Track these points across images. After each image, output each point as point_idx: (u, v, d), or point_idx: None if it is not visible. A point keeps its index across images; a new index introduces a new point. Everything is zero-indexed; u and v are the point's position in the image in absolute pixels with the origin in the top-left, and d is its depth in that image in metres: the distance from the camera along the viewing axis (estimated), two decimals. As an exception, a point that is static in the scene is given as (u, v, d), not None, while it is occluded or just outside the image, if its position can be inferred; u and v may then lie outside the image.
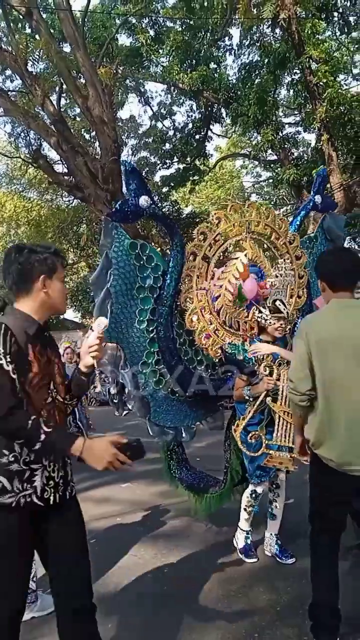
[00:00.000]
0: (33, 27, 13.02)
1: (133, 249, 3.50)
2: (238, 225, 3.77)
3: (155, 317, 3.62)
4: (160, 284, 3.62)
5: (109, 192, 13.27)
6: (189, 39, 14.72)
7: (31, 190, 21.18)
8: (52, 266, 2.12)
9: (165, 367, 3.66)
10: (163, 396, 3.71)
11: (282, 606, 3.05)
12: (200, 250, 3.65)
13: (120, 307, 3.48)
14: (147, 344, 3.63)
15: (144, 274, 3.58)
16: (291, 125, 17.21)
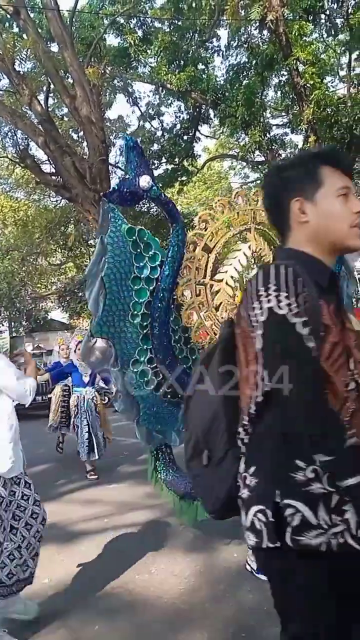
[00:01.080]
0: (20, 26, 12.95)
1: (130, 235, 3.24)
2: (243, 214, 3.54)
3: (150, 312, 3.35)
4: (157, 275, 3.35)
5: (96, 193, 13.23)
6: (177, 39, 14.73)
7: (18, 190, 21.06)
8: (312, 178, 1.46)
9: (158, 366, 3.43)
10: (155, 398, 3.47)
11: (270, 606, 3.03)
12: (201, 240, 3.43)
13: (113, 299, 3.20)
14: (140, 341, 3.37)
15: (141, 263, 3.32)
16: (279, 126, 17.30)
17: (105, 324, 3.19)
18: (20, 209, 21.15)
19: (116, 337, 3.28)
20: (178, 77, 13.91)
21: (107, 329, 3.21)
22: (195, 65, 14.70)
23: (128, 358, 3.35)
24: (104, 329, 3.20)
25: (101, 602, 3.26)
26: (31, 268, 21.92)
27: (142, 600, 3.24)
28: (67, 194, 14.30)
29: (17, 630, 2.97)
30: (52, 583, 3.56)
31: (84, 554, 4.02)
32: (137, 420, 3.44)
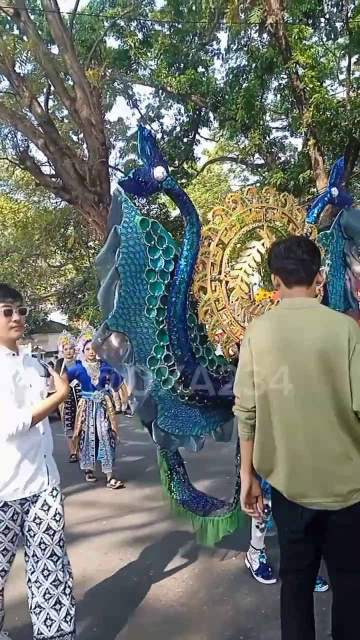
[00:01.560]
0: (21, 28, 12.97)
1: (144, 227, 3.12)
2: (255, 211, 3.47)
3: (166, 306, 3.21)
4: (172, 269, 3.23)
5: (96, 195, 13.26)
6: (177, 42, 14.78)
7: (18, 192, 21.06)
8: None
9: (176, 364, 3.25)
10: (172, 398, 3.27)
11: (267, 609, 3.06)
12: (215, 235, 3.33)
13: (128, 291, 3.06)
14: (156, 337, 3.20)
15: (155, 256, 3.18)
16: (278, 129, 17.34)
17: (121, 317, 3.04)
18: (20, 211, 21.16)
19: (132, 332, 3.11)
20: (178, 80, 13.95)
21: (122, 322, 3.06)
22: (195, 68, 14.74)
23: (144, 355, 3.18)
24: (120, 322, 3.05)
25: (99, 604, 3.26)
26: (31, 270, 21.90)
27: (140, 603, 3.24)
28: (67, 196, 14.31)
29: (16, 632, 2.97)
30: (50, 585, 3.54)
31: (82, 556, 4.02)
32: (155, 423, 3.22)
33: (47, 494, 2.55)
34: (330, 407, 2.01)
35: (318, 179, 12.13)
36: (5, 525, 2.44)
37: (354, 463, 2.03)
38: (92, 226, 15.56)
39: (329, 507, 2.06)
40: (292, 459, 2.10)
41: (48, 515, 2.53)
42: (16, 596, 3.25)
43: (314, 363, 2.02)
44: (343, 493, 2.03)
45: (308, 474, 2.07)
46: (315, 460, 2.05)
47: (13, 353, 2.56)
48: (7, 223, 22.00)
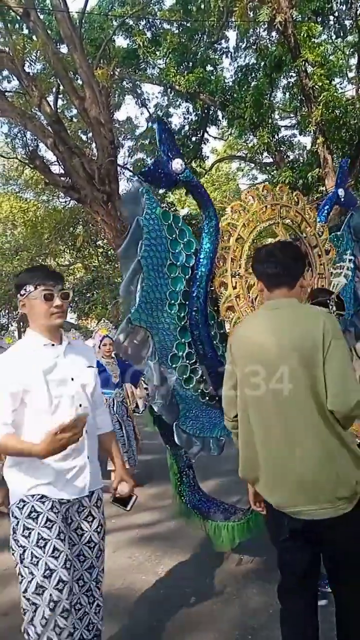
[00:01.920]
0: (30, 27, 13.00)
1: (165, 219, 3.07)
2: (270, 208, 3.47)
3: (188, 301, 3.14)
4: (192, 263, 3.17)
5: (105, 194, 13.27)
6: (185, 41, 14.76)
7: (27, 191, 21.14)
8: None
9: (198, 362, 3.15)
10: (194, 398, 3.19)
11: (275, 608, 3.05)
12: (234, 230, 3.29)
13: (150, 285, 2.96)
14: (177, 333, 3.11)
15: (176, 249, 3.12)
16: (287, 128, 17.28)
17: (143, 312, 2.94)
18: (29, 210, 21.24)
19: (154, 328, 3.01)
20: (187, 79, 13.93)
21: (145, 317, 2.96)
22: (204, 67, 14.72)
23: (166, 352, 3.08)
24: (143, 316, 2.94)
25: (108, 602, 3.26)
26: (40, 268, 21.97)
27: (148, 601, 3.26)
28: (76, 195, 14.34)
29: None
30: (59, 583, 3.57)
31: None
32: (177, 424, 3.09)
33: (91, 504, 2.34)
34: (309, 408, 1.93)
35: (327, 178, 12.08)
36: (46, 517, 2.17)
37: (339, 467, 1.93)
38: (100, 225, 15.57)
39: (317, 516, 1.96)
40: (273, 466, 2.03)
41: (91, 527, 2.34)
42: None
43: (292, 363, 1.95)
44: (330, 500, 1.93)
45: (291, 482, 1.98)
46: (296, 466, 1.96)
47: (53, 343, 2.29)
48: (16, 222, 22.10)
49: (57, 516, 2.18)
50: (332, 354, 1.92)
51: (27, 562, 2.11)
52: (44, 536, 2.13)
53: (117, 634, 2.91)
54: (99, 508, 2.39)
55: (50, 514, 2.17)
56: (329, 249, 3.79)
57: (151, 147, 17.21)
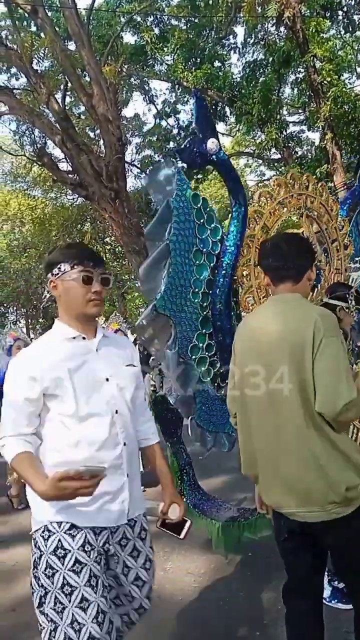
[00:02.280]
0: (38, 25, 13.02)
1: (195, 202, 2.92)
2: (296, 197, 3.37)
3: (212, 290, 3.01)
4: (218, 251, 3.04)
5: (113, 191, 13.27)
6: (193, 37, 14.72)
7: (35, 189, 21.20)
8: None
9: (217, 354, 3.03)
10: (209, 392, 3.08)
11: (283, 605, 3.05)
12: (260, 217, 3.16)
13: (177, 271, 2.83)
14: (199, 324, 2.99)
15: (203, 235, 2.98)
16: (295, 124, 17.19)
17: (169, 299, 2.79)
18: (37, 207, 21.29)
19: (177, 316, 2.86)
20: (194, 75, 13.90)
21: (170, 304, 2.81)
22: (212, 63, 14.68)
23: (187, 342, 2.94)
24: (167, 304, 2.78)
25: (116, 598, 3.28)
26: (48, 266, 22.06)
27: (156, 598, 3.22)
28: (84, 192, 14.35)
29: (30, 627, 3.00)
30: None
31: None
32: (193, 418, 3.00)
33: (135, 535, 1.94)
34: (299, 409, 1.85)
35: (335, 174, 12.01)
36: (75, 557, 1.73)
37: (329, 471, 1.84)
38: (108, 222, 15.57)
39: (309, 519, 1.89)
40: (265, 467, 1.99)
41: (137, 563, 1.94)
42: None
43: (284, 362, 1.88)
44: (318, 504, 1.86)
45: (282, 483, 1.93)
46: (287, 467, 1.90)
47: (84, 336, 1.90)
48: (24, 219, 22.16)
49: (90, 554, 1.75)
50: (322, 354, 1.82)
51: (48, 607, 1.70)
52: (71, 582, 1.70)
53: (125, 629, 2.91)
54: (145, 540, 1.98)
55: (81, 553, 1.73)
56: (348, 244, 3.73)
57: (159, 144, 17.19)
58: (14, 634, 2.93)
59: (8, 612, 3.20)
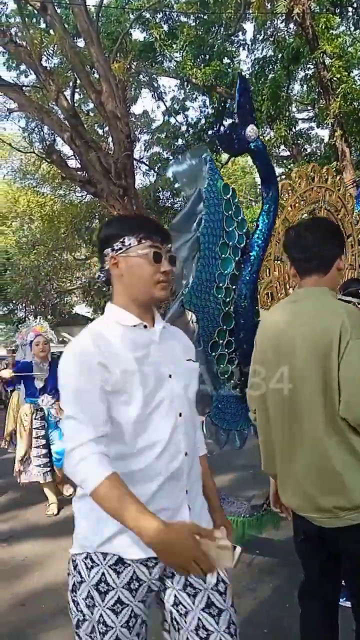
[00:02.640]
0: (47, 22, 13.04)
1: (225, 193, 2.84)
2: (316, 190, 3.32)
3: (236, 286, 2.89)
4: (243, 244, 2.94)
5: (121, 188, 13.29)
6: (202, 33, 14.69)
7: (45, 186, 21.24)
8: None
9: (238, 351, 2.93)
10: (226, 390, 3.01)
11: (291, 603, 3.05)
12: (281, 211, 3.08)
13: (205, 265, 2.73)
14: (220, 320, 2.89)
15: (230, 227, 2.89)
16: (304, 120, 17.13)
17: (194, 294, 2.70)
18: (46, 204, 21.33)
19: (200, 312, 2.77)
20: (203, 72, 13.87)
21: (195, 300, 2.71)
22: (221, 60, 14.64)
23: (208, 339, 2.84)
24: (193, 299, 2.69)
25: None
26: (56, 263, 22.08)
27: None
28: (92, 189, 14.38)
29: (39, 621, 3.04)
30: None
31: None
32: (209, 415, 2.92)
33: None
34: (319, 412, 1.75)
35: (345, 171, 11.95)
36: (117, 597, 1.47)
37: (345, 478, 1.74)
38: (116, 219, 15.58)
39: (323, 524, 1.82)
40: (283, 467, 1.93)
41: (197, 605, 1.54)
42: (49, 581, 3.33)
43: (307, 362, 1.77)
44: (328, 508, 1.78)
45: (297, 485, 1.87)
46: (302, 470, 1.83)
47: (145, 324, 1.57)
48: (33, 216, 22.22)
49: (135, 593, 1.49)
50: (349, 356, 1.69)
51: (84, 633, 1.51)
52: (107, 622, 1.47)
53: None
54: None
55: (124, 593, 1.47)
56: None
57: (167, 141, 17.18)
58: (24, 629, 2.96)
59: (17, 607, 3.23)
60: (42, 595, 3.34)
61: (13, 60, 15.03)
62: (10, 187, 23.43)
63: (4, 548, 4.22)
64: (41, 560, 3.92)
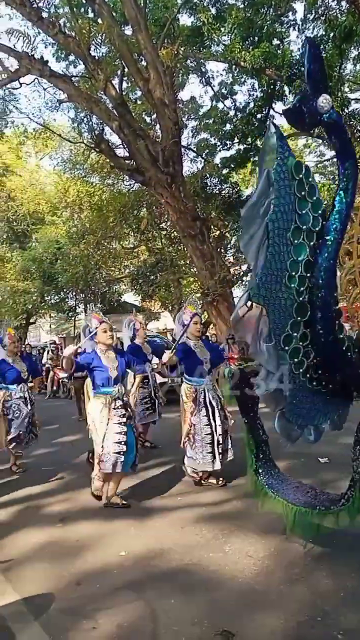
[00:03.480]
0: (95, 10, 13.10)
1: (297, 172, 2.59)
2: None
3: (312, 274, 2.68)
4: (319, 228, 2.71)
5: (169, 175, 13.28)
6: (251, 15, 14.36)
7: (93, 175, 21.47)
8: None
9: (311, 345, 2.77)
10: (301, 384, 2.86)
11: (346, 592, 3.01)
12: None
13: (274, 254, 2.54)
14: (294, 311, 2.70)
15: (303, 210, 2.65)
16: (357, 100, 16.52)
17: (263, 286, 2.53)
18: (95, 194, 21.58)
19: (270, 304, 2.60)
20: (252, 54, 13.58)
21: (264, 292, 2.55)
22: (270, 41, 14.29)
23: (280, 332, 2.68)
24: (261, 291, 2.53)
25: (176, 577, 3.34)
26: (105, 251, 22.36)
27: (216, 579, 3.28)
28: (140, 178, 14.43)
29: (95, 600, 3.10)
30: (128, 555, 3.68)
31: (158, 530, 4.13)
32: (281, 411, 2.81)
33: None
34: None
35: None
36: None
37: None
38: (164, 207, 15.60)
39: None
40: None
41: None
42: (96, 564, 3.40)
43: None
44: None
45: None
46: None
47: None
48: (83, 206, 22.54)
49: None
50: None
51: None
52: None
53: (186, 607, 2.96)
54: None
55: None
56: None
57: (215, 127, 16.98)
58: (80, 607, 3.04)
59: (73, 586, 3.32)
60: (97, 576, 3.42)
61: (62, 51, 15.19)
62: (61, 177, 23.82)
63: (59, 529, 4.33)
64: (94, 541, 4.00)
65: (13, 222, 25.28)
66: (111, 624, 2.83)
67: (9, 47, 13.37)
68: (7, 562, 3.72)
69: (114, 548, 3.82)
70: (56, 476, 5.88)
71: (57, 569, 3.56)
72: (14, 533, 4.29)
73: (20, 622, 2.93)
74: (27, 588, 3.31)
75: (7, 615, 3.01)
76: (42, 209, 25.42)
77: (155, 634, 2.73)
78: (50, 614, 2.99)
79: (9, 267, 25.42)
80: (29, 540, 4.12)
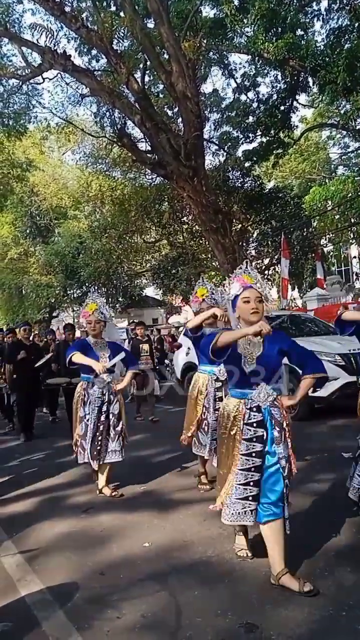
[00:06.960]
0: (118, 4, 13.10)
1: None
2: None
3: None
4: None
5: (191, 169, 13.24)
6: (274, 6, 14.15)
7: (115, 169, 21.55)
8: None
9: None
10: None
11: (371, 588, 2.98)
12: None
13: None
14: None
15: None
16: (383, 91, 16.26)
17: None
18: (117, 188, 21.67)
19: None
20: (275, 45, 13.41)
21: None
22: (294, 32, 14.08)
23: None
24: None
25: (199, 569, 3.34)
26: (127, 245, 22.46)
27: (239, 571, 3.28)
28: (162, 171, 14.42)
29: (118, 590, 3.13)
30: (151, 547, 3.70)
31: (182, 522, 4.14)
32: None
33: None
34: None
35: None
36: None
37: None
38: (186, 201, 15.57)
39: None
40: None
41: None
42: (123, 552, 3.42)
43: None
44: None
45: None
46: None
47: None
48: (105, 200, 22.65)
49: None
50: None
51: None
52: None
53: (209, 599, 2.96)
54: None
55: None
56: None
57: (237, 119, 16.87)
58: (104, 596, 3.07)
59: (97, 575, 3.35)
60: (120, 566, 3.45)
61: (84, 46, 15.21)
62: (83, 172, 23.96)
63: (84, 519, 4.38)
64: (118, 531, 4.04)
65: (36, 216, 25.57)
66: (135, 614, 2.86)
67: (32, 42, 13.45)
68: (32, 552, 3.78)
69: (137, 539, 3.84)
70: (79, 467, 5.94)
71: (81, 559, 3.61)
72: (39, 523, 4.36)
73: (45, 610, 2.97)
74: (51, 577, 3.36)
75: (32, 603, 3.06)
76: (64, 204, 25.64)
77: (179, 624, 2.74)
78: (75, 603, 3.03)
79: (32, 262, 25.71)
80: (53, 530, 4.18)
